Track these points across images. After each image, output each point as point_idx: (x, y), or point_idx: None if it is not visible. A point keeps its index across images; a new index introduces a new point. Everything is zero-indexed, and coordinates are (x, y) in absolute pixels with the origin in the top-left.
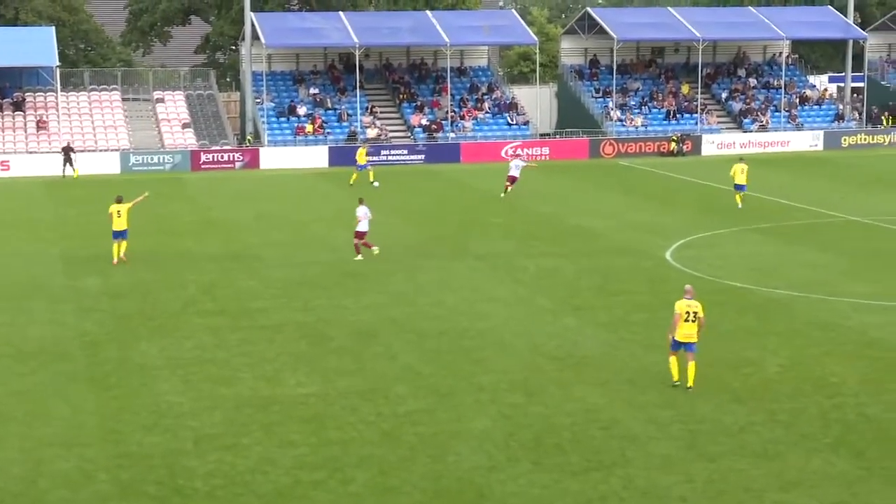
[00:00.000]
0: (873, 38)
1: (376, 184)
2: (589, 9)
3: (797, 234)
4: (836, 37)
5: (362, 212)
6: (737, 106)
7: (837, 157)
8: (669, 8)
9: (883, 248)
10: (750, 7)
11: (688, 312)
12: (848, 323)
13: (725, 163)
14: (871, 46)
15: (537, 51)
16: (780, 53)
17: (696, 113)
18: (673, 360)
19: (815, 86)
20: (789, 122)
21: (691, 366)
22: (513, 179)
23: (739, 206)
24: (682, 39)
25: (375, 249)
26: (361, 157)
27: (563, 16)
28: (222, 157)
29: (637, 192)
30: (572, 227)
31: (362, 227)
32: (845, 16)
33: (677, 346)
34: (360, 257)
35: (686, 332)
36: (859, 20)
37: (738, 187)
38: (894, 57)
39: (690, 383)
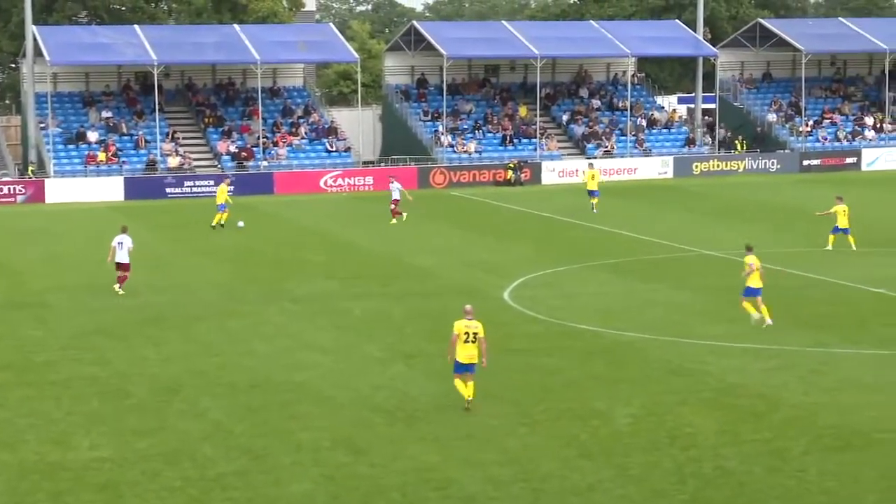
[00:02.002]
0: (725, 55)
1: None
2: (415, 22)
3: (648, 270)
4: (686, 54)
5: (118, 241)
6: (579, 130)
7: (689, 185)
8: (504, 22)
9: (738, 284)
10: (592, 21)
11: (467, 333)
12: (704, 367)
13: (567, 192)
14: (722, 64)
15: (359, 69)
16: (626, 72)
17: (535, 138)
18: (458, 382)
19: (663, 107)
20: (636, 148)
21: (471, 385)
22: (396, 202)
23: (595, 210)
24: (519, 56)
25: (120, 290)
26: (222, 194)
27: (387, 30)
28: (1, 189)
29: (472, 225)
30: (401, 266)
31: (121, 257)
32: (694, 31)
33: (461, 368)
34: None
35: (468, 353)
36: (710, 36)
37: (592, 193)
38: (747, 75)
39: (471, 394)
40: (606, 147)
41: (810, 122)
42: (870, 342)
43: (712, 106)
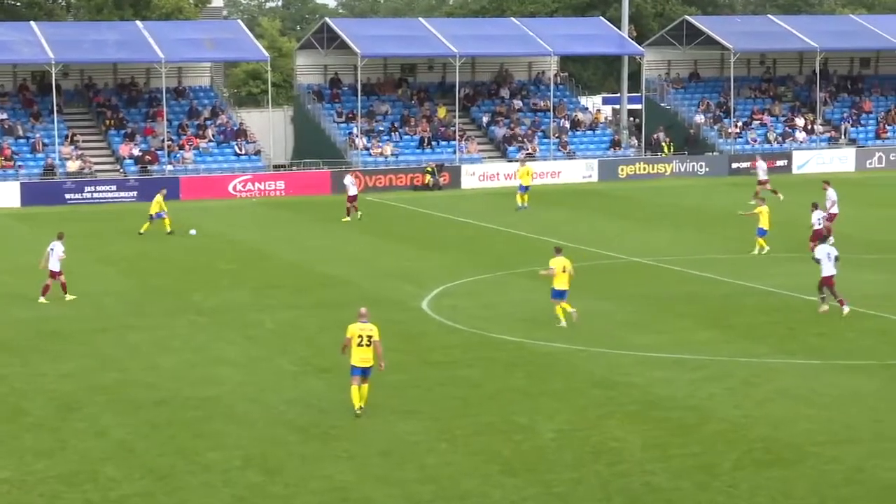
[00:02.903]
0: (651, 53)
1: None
2: (328, 19)
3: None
4: (610, 52)
5: (50, 247)
6: (500, 132)
7: (615, 189)
8: (421, 19)
9: (668, 292)
10: (513, 19)
11: (360, 336)
12: (631, 379)
13: (487, 196)
14: (648, 63)
15: (269, 68)
16: (548, 71)
17: (454, 140)
18: (354, 388)
19: (587, 108)
20: (560, 150)
21: (364, 388)
22: (353, 199)
23: (525, 206)
24: (437, 55)
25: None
26: (157, 204)
27: (299, 27)
28: None
29: (388, 232)
30: (315, 275)
31: (52, 264)
32: (619, 29)
33: (355, 371)
34: (43, 300)
35: (361, 356)
36: (635, 34)
37: (523, 188)
38: (674, 75)
39: (363, 402)
40: (528, 149)
41: (739, 124)
42: (802, 352)
43: (638, 107)
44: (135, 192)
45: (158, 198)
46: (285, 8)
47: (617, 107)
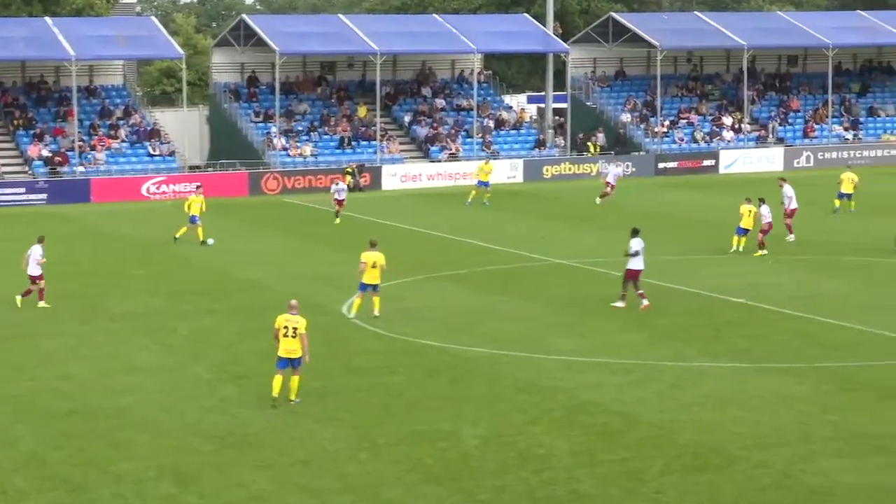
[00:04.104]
0: (576, 51)
1: (211, 241)
2: (245, 16)
3: (496, 281)
4: (535, 50)
5: (29, 251)
6: (422, 131)
7: (539, 189)
8: (341, 15)
9: (592, 294)
10: (435, 15)
11: (286, 327)
12: (556, 384)
13: (409, 198)
14: (574, 61)
15: (184, 66)
16: (472, 69)
17: (375, 140)
18: (277, 378)
19: (511, 107)
20: (483, 150)
21: (295, 380)
22: (341, 203)
23: (469, 201)
24: (357, 52)
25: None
26: (195, 205)
27: (215, 24)
28: None
29: (307, 235)
30: (231, 279)
31: (31, 269)
32: (544, 26)
33: (281, 362)
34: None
35: (287, 347)
36: (560, 31)
37: (482, 184)
38: (600, 73)
39: (293, 396)
40: (451, 150)
41: (666, 123)
42: (729, 354)
43: (564, 105)
44: (44, 195)
45: (194, 198)
46: (201, 4)
47: (542, 106)
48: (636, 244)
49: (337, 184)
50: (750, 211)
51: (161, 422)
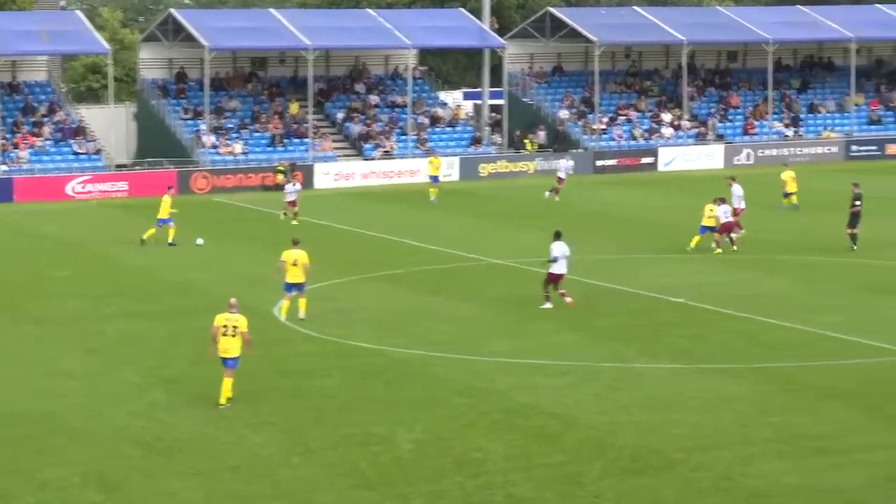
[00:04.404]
0: (513, 46)
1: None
2: (173, 10)
3: (432, 281)
4: (471, 45)
5: None
6: (356, 128)
7: (476, 188)
8: (272, 10)
9: (529, 295)
10: (369, 10)
11: (226, 326)
12: (493, 386)
13: (342, 197)
14: (510, 57)
15: (110, 62)
16: (406, 65)
17: (307, 137)
18: (226, 380)
19: (447, 103)
20: (418, 148)
21: (227, 382)
22: (293, 203)
23: (432, 199)
24: (289, 48)
25: None
26: (165, 209)
27: (143, 18)
28: None
29: (238, 235)
30: (160, 281)
31: None
32: (480, 20)
33: (224, 363)
34: None
35: (225, 346)
36: (497, 26)
37: (433, 178)
38: (537, 69)
39: (223, 400)
40: (385, 147)
41: (605, 119)
42: (668, 355)
43: (500, 102)
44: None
45: (167, 199)
46: None
47: (478, 102)
48: (557, 249)
49: (294, 184)
50: (712, 209)
51: (87, 427)
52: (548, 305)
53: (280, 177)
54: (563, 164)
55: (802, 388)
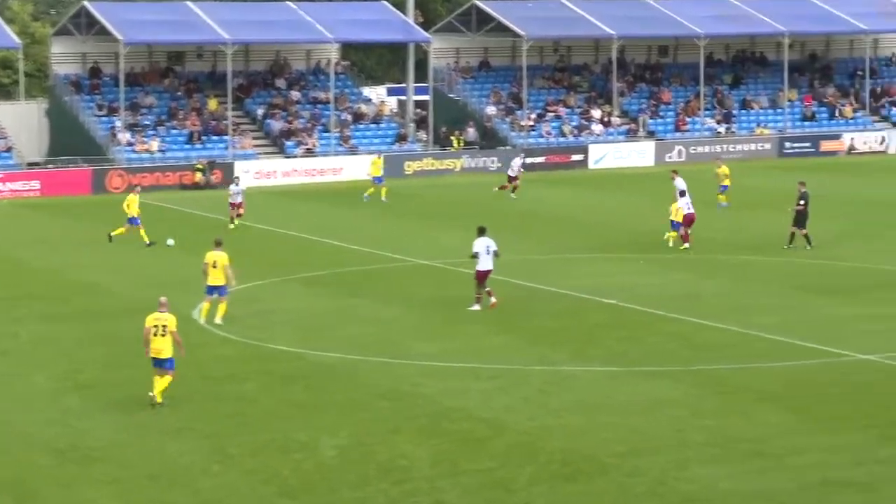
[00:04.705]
0: (438, 40)
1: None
2: (86, 3)
3: (355, 283)
4: (395, 39)
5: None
6: (277, 125)
7: (401, 186)
8: (189, 2)
9: (455, 296)
10: (289, 2)
11: (156, 326)
12: (418, 390)
13: (263, 196)
14: (436, 51)
15: (21, 56)
16: (328, 60)
17: (227, 134)
18: (156, 378)
19: (371, 99)
20: (341, 145)
21: (163, 380)
22: (239, 205)
23: (384, 199)
24: (207, 42)
25: None
26: (134, 208)
27: (54, 11)
28: None
29: (154, 235)
30: (74, 284)
31: None
32: (405, 14)
33: (154, 363)
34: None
35: (156, 346)
36: (422, 19)
37: (376, 179)
38: (464, 64)
39: (158, 399)
40: (307, 145)
41: (533, 116)
42: (600, 358)
43: (426, 98)
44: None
45: (132, 197)
46: None
47: (403, 98)
48: (478, 244)
49: (237, 184)
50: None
51: None
52: (476, 307)
53: (199, 175)
54: (517, 162)
55: (737, 390)
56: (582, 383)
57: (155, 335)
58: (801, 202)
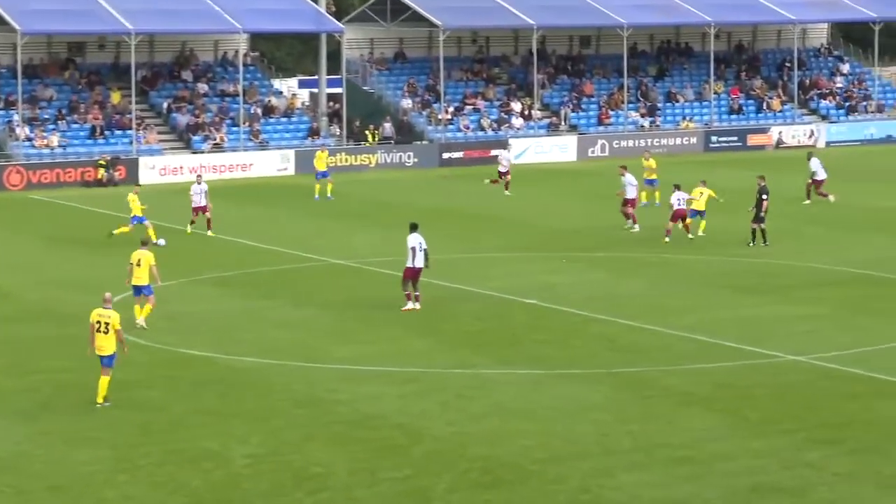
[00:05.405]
0: (352, 31)
1: (161, 241)
2: None
3: (267, 284)
4: (306, 30)
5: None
6: (183, 119)
7: (313, 183)
8: None
9: (373, 297)
10: None
11: (99, 322)
12: (334, 396)
13: (170, 193)
14: (349, 42)
15: None
16: (237, 51)
17: (131, 129)
18: (102, 379)
19: (281, 92)
20: (251, 140)
21: (104, 381)
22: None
23: (327, 196)
24: (110, 32)
25: None
26: (136, 207)
27: None
28: None
29: (56, 235)
30: None
31: None
32: (316, 3)
33: (100, 360)
34: None
35: (99, 343)
36: (334, 9)
37: (321, 174)
38: (378, 55)
39: (99, 399)
40: (215, 139)
41: (450, 109)
42: (522, 361)
43: (339, 90)
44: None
45: (133, 196)
46: None
47: (315, 91)
48: (411, 241)
49: (199, 182)
50: (701, 192)
51: None
52: (409, 307)
53: (101, 172)
54: (504, 155)
55: (662, 393)
56: (502, 387)
57: (98, 332)
58: (764, 197)
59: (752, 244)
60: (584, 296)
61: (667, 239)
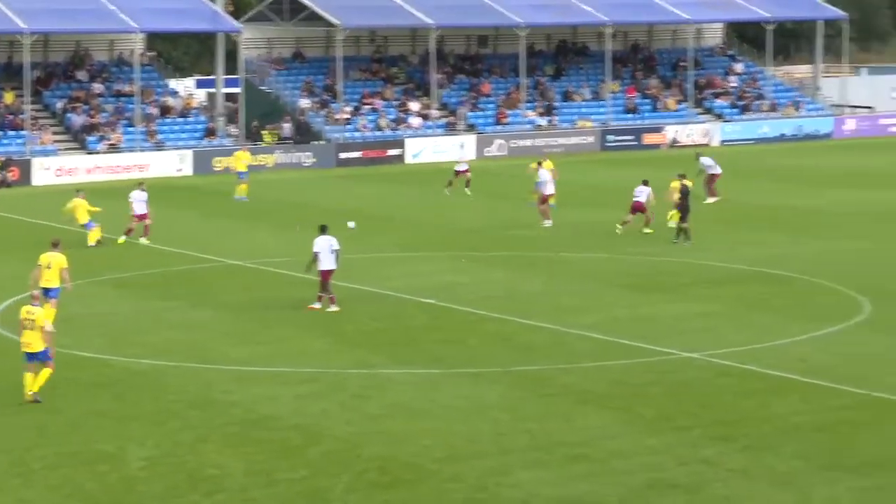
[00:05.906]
0: (249, 30)
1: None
2: None
3: (163, 285)
4: (203, 29)
5: None
6: (78, 120)
7: (211, 183)
8: None
9: (269, 297)
10: None
11: (26, 318)
12: (229, 397)
13: (64, 194)
14: (246, 42)
15: None
16: (133, 50)
17: (25, 130)
18: (26, 375)
19: (178, 92)
20: (147, 140)
21: (41, 375)
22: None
23: (243, 197)
24: (3, 31)
25: None
26: (83, 213)
27: None
28: None
29: None
30: None
31: None
32: (213, 2)
33: (27, 357)
34: None
35: (25, 339)
36: (231, 8)
37: (241, 174)
38: (276, 54)
39: (35, 388)
40: (111, 140)
41: (348, 109)
42: (420, 360)
43: (236, 90)
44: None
45: (79, 202)
46: None
47: (212, 91)
48: (320, 243)
49: (142, 189)
50: (675, 187)
51: None
52: (333, 308)
53: None
54: (461, 155)
55: (559, 391)
56: (400, 387)
57: (25, 328)
58: (681, 195)
59: (677, 242)
60: (483, 295)
61: (619, 228)
